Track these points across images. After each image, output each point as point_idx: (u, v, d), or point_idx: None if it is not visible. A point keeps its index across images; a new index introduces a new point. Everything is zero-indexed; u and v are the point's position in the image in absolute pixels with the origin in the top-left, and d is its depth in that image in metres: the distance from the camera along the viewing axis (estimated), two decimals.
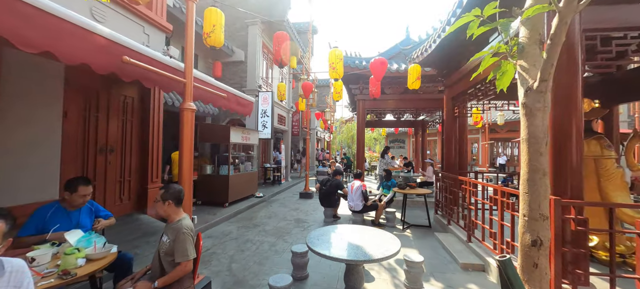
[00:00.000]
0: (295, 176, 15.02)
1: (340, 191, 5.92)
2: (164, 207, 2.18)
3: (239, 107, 4.19)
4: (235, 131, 7.07)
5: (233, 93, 3.94)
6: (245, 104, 4.37)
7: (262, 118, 8.50)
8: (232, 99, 3.94)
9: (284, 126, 12.01)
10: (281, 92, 8.12)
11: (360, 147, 8.42)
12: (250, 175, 7.98)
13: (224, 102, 3.74)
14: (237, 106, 4.14)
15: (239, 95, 4.15)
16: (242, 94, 4.29)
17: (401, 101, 8.24)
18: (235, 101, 4.07)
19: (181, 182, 2.77)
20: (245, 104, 4.35)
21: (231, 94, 3.90)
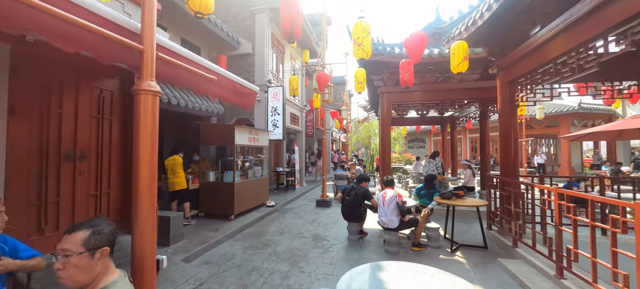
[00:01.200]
0: (310, 179, 13.97)
1: (368, 201, 4.78)
2: (90, 265, 1.16)
3: (236, 96, 3.16)
4: (242, 131, 6.09)
5: (226, 76, 2.92)
6: (246, 94, 3.34)
7: (272, 116, 7.51)
8: (226, 85, 2.92)
9: (297, 126, 11.00)
10: (293, 87, 7.09)
11: (385, 148, 7.23)
12: (260, 181, 6.99)
13: (214, 88, 2.72)
14: (233, 95, 3.12)
15: (235, 80, 3.12)
16: (241, 80, 3.26)
17: (434, 92, 6.98)
18: (231, 89, 3.05)
19: (137, 192, 1.74)
20: (245, 93, 3.33)
21: (224, 79, 2.87)
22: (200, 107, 6.53)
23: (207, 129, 6.03)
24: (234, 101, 3.17)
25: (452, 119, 11.59)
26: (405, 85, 5.29)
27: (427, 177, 5.36)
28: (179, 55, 2.20)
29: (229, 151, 6.32)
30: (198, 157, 6.20)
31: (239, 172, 6.08)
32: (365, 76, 6.05)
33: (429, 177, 5.34)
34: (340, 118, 15.60)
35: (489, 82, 6.74)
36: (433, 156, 7.30)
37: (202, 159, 6.25)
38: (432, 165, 7.14)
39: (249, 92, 3.41)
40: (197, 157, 6.20)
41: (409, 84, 5.31)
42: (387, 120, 7.22)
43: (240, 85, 3.19)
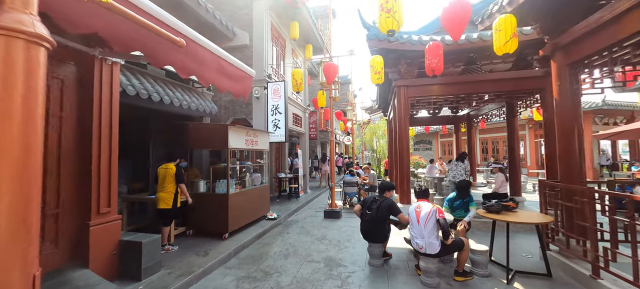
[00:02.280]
0: (314, 185, 13.00)
1: (394, 216, 3.81)
2: None
3: (222, 78, 2.23)
4: (237, 132, 5.15)
5: (205, 46, 1.97)
6: (237, 76, 2.41)
7: (273, 116, 6.58)
8: (204, 58, 1.98)
9: (300, 128, 10.06)
10: (297, 82, 6.17)
11: (403, 151, 6.27)
12: (259, 191, 6.03)
13: (185, 60, 1.79)
14: (218, 75, 2.18)
15: (221, 55, 2.19)
16: (228, 56, 2.32)
17: (458, 85, 6.03)
18: (213, 66, 2.12)
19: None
20: (235, 75, 2.39)
21: (201, 49, 1.94)
22: (188, 106, 5.60)
23: (196, 131, 5.09)
24: (219, 85, 2.23)
25: (469, 118, 10.66)
26: (433, 73, 4.35)
27: (461, 185, 4.38)
28: None
29: (223, 156, 5.37)
30: (185, 164, 5.25)
31: (234, 182, 5.12)
32: (382, 65, 5.12)
33: (463, 184, 4.37)
34: (344, 119, 14.67)
35: (525, 72, 5.82)
36: (461, 158, 6.33)
37: (191, 166, 5.30)
38: (459, 169, 6.18)
39: (240, 75, 2.46)
40: (185, 164, 5.25)
41: (438, 72, 4.37)
42: (404, 117, 6.28)
43: (227, 62, 2.24)
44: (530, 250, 4.28)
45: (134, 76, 4.76)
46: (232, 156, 5.67)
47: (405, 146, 6.29)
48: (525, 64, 6.28)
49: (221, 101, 7.14)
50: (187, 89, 6.23)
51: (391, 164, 11.52)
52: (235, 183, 5.21)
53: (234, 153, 6.31)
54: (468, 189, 4.35)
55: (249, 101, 6.92)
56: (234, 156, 6.19)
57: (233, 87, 2.36)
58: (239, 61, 2.52)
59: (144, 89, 4.62)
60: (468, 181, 4.53)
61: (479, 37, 4.96)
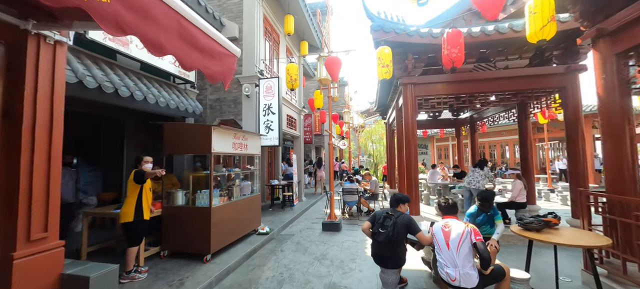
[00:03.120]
0: (309, 192, 12.26)
1: (412, 236, 3.13)
2: None
3: (189, 49, 1.53)
4: (223, 134, 4.41)
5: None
6: (213, 51, 1.71)
7: (265, 116, 5.85)
8: (156, 13, 1.26)
9: (294, 130, 9.35)
10: (292, 78, 5.48)
11: (411, 156, 5.63)
12: (249, 202, 5.27)
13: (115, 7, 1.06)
14: (182, 44, 1.48)
15: (185, 14, 1.47)
16: (199, 20, 1.61)
17: (472, 82, 5.46)
18: (174, 28, 1.40)
19: None
20: (211, 50, 1.69)
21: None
22: (167, 104, 4.84)
23: (174, 132, 4.31)
24: (185, 60, 1.52)
25: (472, 121, 10.17)
26: (452, 65, 3.75)
27: (485, 195, 3.73)
28: None
29: (208, 162, 4.60)
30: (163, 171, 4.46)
31: (218, 192, 4.36)
32: (391, 58, 4.48)
33: (487, 194, 3.72)
34: (340, 122, 14.03)
35: (544, 69, 5.30)
36: (480, 165, 5.70)
37: (168, 174, 4.51)
38: (477, 176, 5.54)
39: (218, 50, 1.80)
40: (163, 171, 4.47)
41: (458, 64, 3.77)
42: (411, 118, 5.66)
43: (197, 27, 1.54)
44: (568, 272, 3.66)
45: (96, 65, 3.98)
46: (216, 162, 4.92)
47: (413, 149, 5.65)
48: (540, 61, 5.78)
49: (207, 100, 6.38)
50: (166, 85, 5.46)
51: (391, 168, 10.91)
52: (220, 194, 4.44)
53: (219, 159, 5.55)
54: (491, 202, 3.72)
55: (238, 100, 6.18)
56: (220, 162, 5.42)
57: (207, 65, 1.65)
58: (217, 32, 1.81)
59: (108, 82, 3.84)
60: (493, 192, 3.89)
61: (510, 27, 4.39)
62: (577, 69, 5.10)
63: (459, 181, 8.58)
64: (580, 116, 5.11)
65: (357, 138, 20.39)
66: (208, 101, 6.34)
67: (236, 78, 6.11)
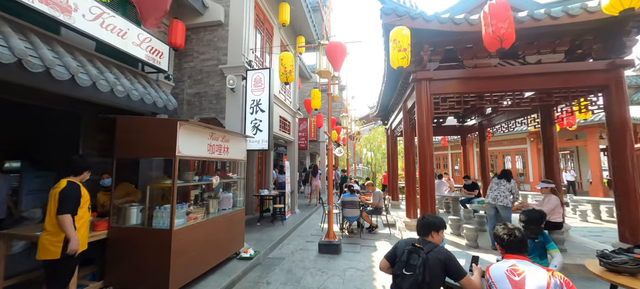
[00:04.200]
0: (303, 203, 11.22)
1: (455, 281, 2.17)
2: None
3: None
4: (193, 132, 3.42)
5: None
6: None
7: (252, 115, 4.89)
8: None
9: (288, 134, 8.39)
10: (286, 69, 4.56)
11: (426, 166, 4.72)
12: (230, 219, 4.25)
13: None
14: None
15: None
16: None
17: (498, 79, 4.63)
18: None
19: None
20: None
21: None
22: (127, 94, 3.85)
23: (128, 128, 3.30)
24: None
25: (481, 128, 9.39)
26: (500, 44, 2.86)
27: (531, 216, 2.79)
28: None
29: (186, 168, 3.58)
30: (109, 181, 3.44)
31: (184, 209, 3.33)
32: (409, 41, 3.60)
33: (534, 216, 2.79)
34: (337, 128, 13.14)
35: (583, 64, 4.52)
36: (506, 177, 4.80)
37: (121, 184, 3.48)
38: (504, 189, 4.64)
39: None
40: (108, 181, 3.44)
41: (507, 44, 2.90)
42: (427, 120, 4.79)
43: None
44: None
45: (20, 34, 2.97)
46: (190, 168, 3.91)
47: (428, 157, 4.75)
48: (574, 57, 5.01)
49: (184, 95, 5.38)
50: (132, 72, 4.46)
51: (393, 178, 9.98)
52: (188, 210, 3.42)
53: (195, 165, 4.54)
54: (541, 224, 2.81)
55: (221, 95, 5.21)
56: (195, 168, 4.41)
57: None
58: None
59: (37, 58, 2.83)
60: (540, 211, 2.96)
61: (565, 11, 3.57)
62: (622, 65, 4.33)
63: (469, 193, 7.72)
64: (627, 119, 4.31)
65: (353, 146, 19.53)
66: (185, 96, 5.34)
67: (219, 69, 5.15)
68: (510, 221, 4.63)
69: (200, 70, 5.34)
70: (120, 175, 3.46)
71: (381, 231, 6.83)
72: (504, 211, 4.59)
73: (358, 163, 19.84)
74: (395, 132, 9.30)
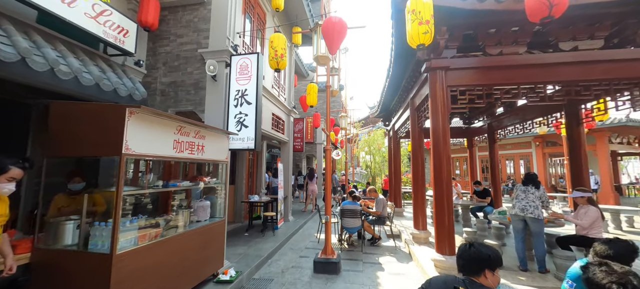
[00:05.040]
0: (297, 209, 10.41)
1: None
2: None
3: None
4: (150, 123, 2.63)
5: None
6: None
7: (237, 108, 4.11)
8: None
9: (282, 134, 7.62)
10: (277, 53, 3.80)
11: (442, 173, 3.98)
12: (204, 234, 3.45)
13: None
14: None
15: None
16: None
17: (531, 68, 3.92)
18: None
19: None
20: None
21: None
22: (75, 77, 3.04)
23: (64, 117, 2.50)
24: None
25: (490, 130, 8.72)
26: (549, 12, 2.20)
27: (621, 250, 1.90)
28: None
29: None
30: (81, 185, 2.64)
31: (135, 224, 2.53)
32: (432, 12, 2.86)
33: (625, 250, 1.92)
34: (336, 129, 12.39)
35: (632, 52, 3.82)
36: (533, 183, 4.06)
37: (57, 195, 2.66)
38: (533, 198, 3.90)
39: None
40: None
41: (558, 11, 2.19)
42: (443, 117, 4.06)
43: None
44: None
45: None
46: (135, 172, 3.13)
47: (445, 160, 4.00)
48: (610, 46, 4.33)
49: (157, 84, 4.58)
50: (86, 52, 3.65)
51: (396, 183, 9.23)
52: (143, 225, 2.62)
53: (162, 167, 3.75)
54: (633, 260, 2.01)
55: (200, 85, 4.42)
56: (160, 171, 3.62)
57: None
58: None
59: None
60: (633, 244, 2.08)
61: None
62: None
63: (481, 200, 6.99)
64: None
65: (351, 149, 18.79)
66: (159, 85, 4.54)
67: (198, 53, 4.37)
68: (542, 235, 3.89)
69: (177, 56, 4.56)
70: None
71: (385, 243, 6.06)
72: (535, 224, 3.84)
73: (356, 166, 19.09)
74: (399, 133, 8.58)
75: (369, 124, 22.56)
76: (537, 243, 3.84)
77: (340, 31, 3.47)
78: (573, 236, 4.10)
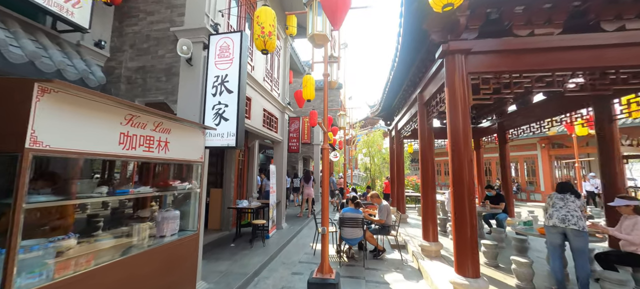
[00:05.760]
0: (292, 214, 9.69)
1: None
2: None
3: None
4: (81, 108, 1.92)
5: None
6: None
7: (215, 96, 3.40)
8: None
9: (275, 133, 6.91)
10: (264, 30, 3.10)
11: (463, 177, 3.29)
12: (169, 254, 2.73)
13: None
14: None
15: None
16: None
17: (572, 50, 3.27)
18: None
19: None
20: None
21: None
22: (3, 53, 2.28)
23: None
24: None
25: (501, 129, 8.09)
26: None
27: None
28: None
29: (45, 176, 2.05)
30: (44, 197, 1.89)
31: (51, 248, 1.80)
32: None
33: None
34: (334, 129, 11.71)
35: None
36: (571, 190, 3.37)
37: None
38: (574, 207, 3.20)
39: None
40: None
41: None
42: (463, 110, 3.38)
43: None
44: None
45: None
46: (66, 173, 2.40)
47: (466, 162, 3.32)
48: None
49: (122, 69, 3.85)
50: (26, 26, 2.92)
51: (399, 186, 8.54)
52: (73, 247, 1.89)
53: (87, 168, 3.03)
54: None
55: (173, 71, 3.70)
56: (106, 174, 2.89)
57: None
58: None
59: None
60: None
61: None
62: None
63: (495, 206, 6.32)
64: None
65: (349, 150, 18.10)
66: (124, 71, 3.81)
67: (171, 32, 3.65)
68: (586, 252, 3.21)
69: (147, 37, 3.84)
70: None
71: (389, 255, 5.37)
72: (578, 238, 3.15)
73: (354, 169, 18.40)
74: (402, 133, 7.91)
75: (367, 125, 21.92)
76: (580, 261, 3.16)
77: (343, 3, 2.78)
78: (616, 251, 3.44)
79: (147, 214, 2.89)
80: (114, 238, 2.44)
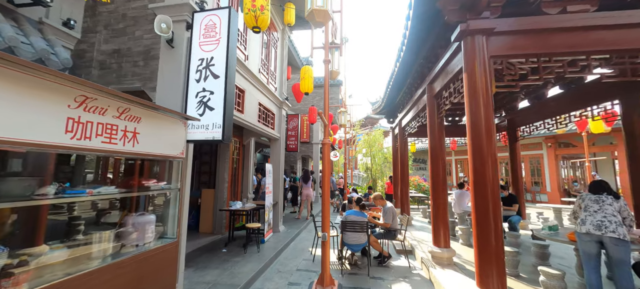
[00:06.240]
0: (290, 216, 9.23)
1: None
2: None
3: None
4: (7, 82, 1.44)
5: None
6: None
7: (199, 83, 2.95)
8: None
9: (271, 129, 6.45)
10: (255, 3, 2.64)
11: (486, 178, 2.85)
12: (139, 268, 2.27)
13: None
14: None
15: None
16: None
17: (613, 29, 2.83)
18: None
19: None
20: None
21: None
22: None
23: None
24: None
25: (512, 126, 7.65)
26: None
27: None
28: None
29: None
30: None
31: None
32: None
33: None
34: (334, 127, 11.26)
35: None
36: (609, 191, 2.94)
37: None
38: (611, 211, 2.76)
39: None
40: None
41: None
42: (485, 101, 2.94)
43: None
44: None
45: None
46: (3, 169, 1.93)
47: (491, 161, 2.87)
48: None
49: (95, 52, 3.39)
50: None
51: (403, 186, 8.09)
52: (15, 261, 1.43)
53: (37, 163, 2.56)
54: None
55: (152, 54, 3.25)
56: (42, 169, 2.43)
57: None
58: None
59: None
60: None
61: None
62: None
63: (508, 208, 5.88)
64: None
65: (349, 150, 17.65)
66: (96, 54, 3.36)
67: (150, 9, 3.20)
68: (628, 264, 2.76)
69: (123, 16, 3.38)
70: None
71: (395, 261, 4.92)
72: (619, 247, 2.70)
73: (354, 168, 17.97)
74: (407, 130, 7.46)
75: (367, 124, 21.49)
76: (621, 273, 2.71)
77: None
78: None
79: (114, 219, 2.43)
80: (67, 249, 1.98)
